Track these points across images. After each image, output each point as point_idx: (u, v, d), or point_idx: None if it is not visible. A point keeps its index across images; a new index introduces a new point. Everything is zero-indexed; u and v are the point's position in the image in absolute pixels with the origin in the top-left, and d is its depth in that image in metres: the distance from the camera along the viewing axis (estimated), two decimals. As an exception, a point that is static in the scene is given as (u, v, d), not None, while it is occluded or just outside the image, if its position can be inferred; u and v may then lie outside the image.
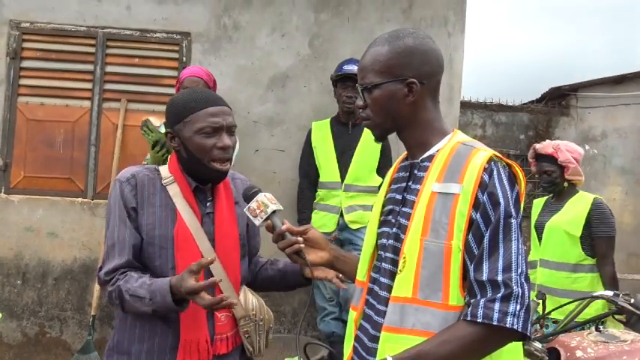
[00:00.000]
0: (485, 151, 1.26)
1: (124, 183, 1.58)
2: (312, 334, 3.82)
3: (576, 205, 2.96)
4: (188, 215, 1.58)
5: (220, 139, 1.56)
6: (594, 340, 1.87)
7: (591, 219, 2.88)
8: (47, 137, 3.90)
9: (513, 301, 1.15)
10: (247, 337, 1.63)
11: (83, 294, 3.84)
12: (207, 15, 3.93)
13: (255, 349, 1.66)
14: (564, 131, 8.42)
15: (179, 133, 1.58)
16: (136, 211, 1.56)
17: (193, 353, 1.53)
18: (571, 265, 2.88)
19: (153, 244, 1.56)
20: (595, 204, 2.91)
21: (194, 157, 1.57)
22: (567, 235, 2.90)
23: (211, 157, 1.56)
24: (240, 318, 1.62)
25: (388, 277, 1.31)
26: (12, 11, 3.86)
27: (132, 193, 1.57)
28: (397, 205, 1.36)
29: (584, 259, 2.89)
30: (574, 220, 2.91)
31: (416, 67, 1.32)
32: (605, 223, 2.90)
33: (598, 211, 2.90)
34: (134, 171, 1.62)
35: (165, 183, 1.61)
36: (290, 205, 3.74)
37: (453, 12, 4.03)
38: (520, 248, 1.20)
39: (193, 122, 1.55)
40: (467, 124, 8.28)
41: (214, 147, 1.55)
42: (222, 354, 1.59)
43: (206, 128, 1.54)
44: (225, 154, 1.57)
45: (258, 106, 3.93)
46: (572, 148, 2.99)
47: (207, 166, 1.56)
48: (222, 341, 1.59)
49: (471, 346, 1.16)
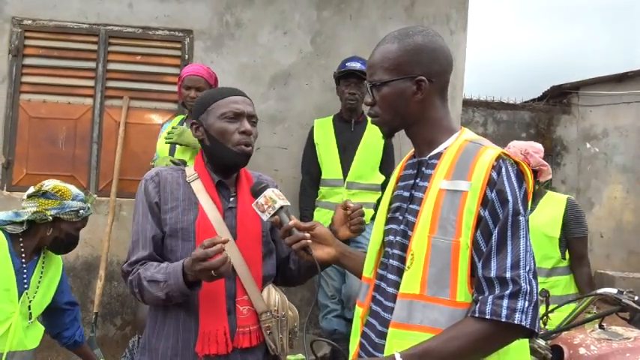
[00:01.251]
0: (494, 149, 1.27)
1: (149, 181, 1.65)
2: (315, 331, 3.82)
3: (549, 206, 2.86)
4: (210, 209, 1.61)
5: (242, 125, 1.62)
6: (597, 337, 1.87)
7: (567, 219, 2.80)
8: (49, 135, 3.90)
9: (521, 297, 1.15)
10: (269, 332, 1.64)
11: (86, 291, 3.85)
12: (209, 12, 3.92)
13: (278, 347, 1.66)
14: (565, 129, 8.42)
15: (203, 122, 1.65)
16: (158, 206, 1.62)
17: (212, 344, 1.55)
18: (546, 270, 2.79)
19: (175, 236, 1.60)
20: (570, 204, 2.83)
21: (217, 143, 1.62)
22: (546, 237, 2.80)
23: (233, 141, 1.61)
24: (262, 313, 1.63)
25: (396, 274, 1.31)
26: (14, 9, 3.86)
27: (155, 190, 1.63)
28: (405, 202, 1.37)
29: (560, 262, 2.81)
30: (551, 222, 2.81)
31: (425, 65, 1.32)
32: (581, 223, 2.83)
33: (574, 211, 2.82)
34: (158, 169, 1.69)
35: (189, 180, 1.66)
36: (292, 203, 3.73)
37: (455, 10, 4.03)
38: (528, 245, 1.21)
39: (216, 109, 1.63)
40: (468, 122, 8.29)
41: (236, 131, 1.61)
42: (244, 347, 1.60)
43: (228, 113, 1.61)
44: (247, 138, 1.62)
45: (261, 104, 3.93)
46: (538, 148, 2.87)
47: (231, 149, 1.61)
48: (245, 335, 1.60)
49: (478, 342, 1.17)
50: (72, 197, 2.17)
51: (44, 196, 2.12)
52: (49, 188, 2.14)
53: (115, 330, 3.88)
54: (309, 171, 3.64)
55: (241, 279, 1.60)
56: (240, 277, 1.60)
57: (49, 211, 2.11)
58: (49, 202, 2.12)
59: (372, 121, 1.42)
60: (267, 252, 1.71)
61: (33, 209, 2.10)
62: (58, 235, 2.16)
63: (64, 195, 2.15)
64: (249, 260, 1.63)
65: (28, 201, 2.13)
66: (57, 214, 2.13)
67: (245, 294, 1.62)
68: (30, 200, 2.13)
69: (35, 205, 2.11)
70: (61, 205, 2.13)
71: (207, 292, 1.57)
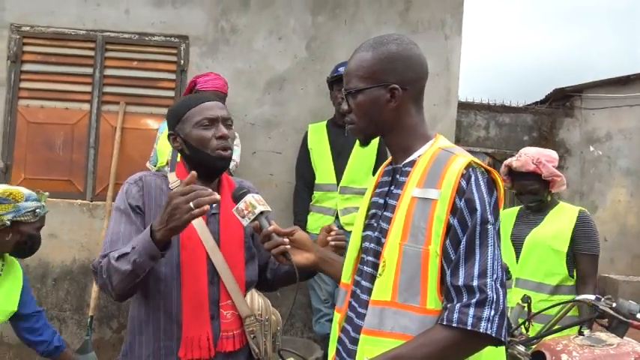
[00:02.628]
0: (464, 157, 1.27)
1: (132, 184, 1.65)
2: (308, 335, 3.83)
3: (559, 218, 2.66)
4: None
5: (218, 130, 1.64)
6: (580, 343, 1.87)
7: (576, 234, 2.59)
8: (47, 139, 3.94)
9: (488, 306, 1.16)
10: (253, 337, 1.66)
11: (82, 294, 3.88)
12: (205, 18, 3.95)
13: (262, 351, 1.68)
14: (568, 132, 8.38)
15: (180, 132, 1.67)
16: (142, 210, 1.62)
17: (195, 349, 1.56)
18: (552, 287, 2.57)
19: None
20: (581, 217, 2.62)
21: (196, 150, 1.64)
22: (552, 251, 2.59)
23: (212, 147, 1.63)
24: (246, 317, 1.65)
25: (369, 281, 1.33)
26: (13, 15, 3.90)
27: (139, 194, 1.63)
28: (380, 209, 1.38)
29: (567, 280, 2.59)
30: (559, 235, 2.61)
31: (399, 73, 1.33)
32: (591, 239, 2.60)
33: (584, 225, 2.61)
34: (142, 174, 1.70)
35: (172, 187, 1.67)
36: (286, 207, 3.76)
37: (450, 15, 4.03)
38: (496, 254, 1.21)
39: (190, 118, 1.65)
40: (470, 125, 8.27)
41: (213, 137, 1.63)
42: (228, 351, 1.61)
43: (203, 120, 1.63)
44: (225, 142, 1.65)
45: (256, 109, 3.95)
46: (552, 157, 2.66)
47: (210, 155, 1.63)
48: (229, 339, 1.62)
49: (446, 349, 1.18)
50: (25, 198, 2.13)
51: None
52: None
53: (111, 333, 3.90)
54: (303, 176, 3.65)
55: (225, 284, 1.62)
56: (224, 281, 1.62)
57: (6, 216, 2.08)
58: (3, 207, 2.08)
59: (348, 128, 1.44)
60: (250, 257, 1.72)
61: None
62: (19, 238, 2.13)
63: (16, 197, 2.11)
64: (232, 265, 1.65)
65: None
66: (14, 218, 2.09)
67: (229, 298, 1.63)
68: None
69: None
70: (16, 208, 2.10)
71: (191, 297, 1.58)
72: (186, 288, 1.58)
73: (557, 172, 2.63)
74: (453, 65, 4.04)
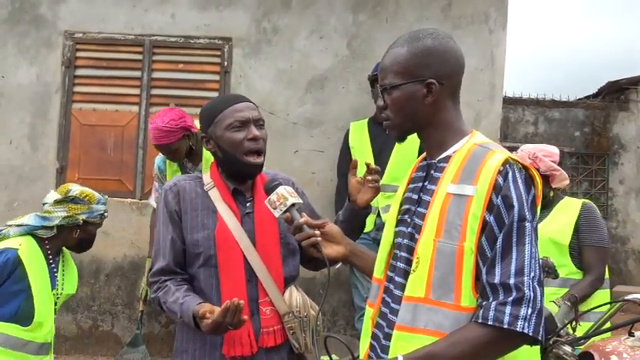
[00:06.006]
0: (501, 154, 1.25)
1: (168, 191, 1.72)
2: (351, 333, 3.84)
3: (564, 212, 2.65)
4: (228, 216, 1.67)
5: (249, 131, 1.65)
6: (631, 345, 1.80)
7: (580, 225, 2.58)
8: (99, 141, 4.12)
9: (525, 304, 1.14)
10: (292, 333, 1.69)
11: (132, 290, 4.03)
12: (247, 20, 4.03)
13: (302, 346, 1.71)
14: (623, 127, 8.03)
15: (212, 135, 1.69)
16: (178, 214, 1.69)
17: (237, 346, 1.62)
18: (560, 279, 2.46)
19: (197, 245, 1.66)
20: (585, 208, 2.60)
21: (228, 154, 1.67)
22: (554, 244, 2.57)
23: (243, 150, 1.65)
24: (284, 314, 1.68)
25: (402, 276, 1.32)
26: (66, 23, 4.10)
27: (175, 200, 1.69)
28: (413, 204, 1.37)
29: (574, 273, 2.57)
30: (562, 228, 2.59)
31: (435, 67, 1.31)
32: (595, 230, 2.57)
33: (588, 216, 2.59)
34: (176, 179, 1.76)
35: (207, 188, 1.72)
36: (329, 205, 3.78)
37: (494, 8, 3.95)
38: (534, 252, 1.19)
39: (222, 120, 1.67)
40: (518, 121, 8.05)
41: (245, 139, 1.65)
42: (269, 347, 1.66)
43: (234, 123, 1.65)
44: (257, 144, 1.66)
45: (297, 108, 3.99)
46: (550, 152, 2.63)
47: (242, 160, 1.65)
48: (270, 334, 1.66)
49: (481, 348, 1.16)
50: (97, 201, 2.28)
51: (73, 202, 2.22)
52: (76, 194, 2.24)
53: (159, 327, 4.04)
54: (345, 174, 3.64)
55: (262, 282, 1.66)
56: (261, 280, 1.66)
57: (81, 216, 2.22)
58: (79, 207, 2.23)
59: (384, 125, 1.43)
60: (288, 253, 1.74)
61: (63, 214, 2.20)
62: (84, 236, 2.28)
63: (91, 199, 2.26)
64: (269, 263, 1.68)
65: (56, 206, 2.21)
66: (87, 218, 2.24)
67: (267, 296, 1.67)
68: (58, 205, 2.21)
69: (65, 210, 2.21)
70: (90, 210, 2.25)
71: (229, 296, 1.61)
72: (224, 287, 1.63)
73: (555, 167, 2.59)
74: (497, 60, 3.95)
